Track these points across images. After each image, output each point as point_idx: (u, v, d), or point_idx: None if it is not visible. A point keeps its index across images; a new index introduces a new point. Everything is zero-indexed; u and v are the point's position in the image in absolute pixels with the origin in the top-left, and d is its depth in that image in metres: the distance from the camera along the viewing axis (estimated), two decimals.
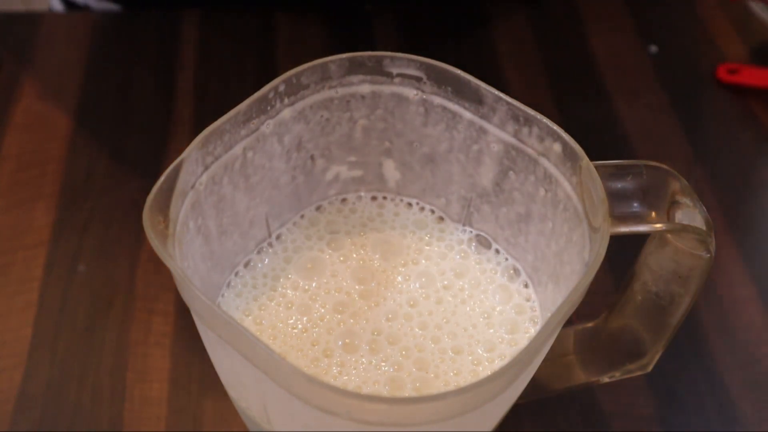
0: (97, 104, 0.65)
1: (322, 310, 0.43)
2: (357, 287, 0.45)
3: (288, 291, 0.44)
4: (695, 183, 0.61)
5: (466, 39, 0.72)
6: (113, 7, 0.74)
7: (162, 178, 0.36)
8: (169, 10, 0.71)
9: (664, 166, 0.38)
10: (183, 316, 0.52)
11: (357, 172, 0.47)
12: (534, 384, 0.40)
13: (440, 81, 0.42)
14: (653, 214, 0.37)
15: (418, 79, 0.43)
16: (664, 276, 0.40)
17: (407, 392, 0.40)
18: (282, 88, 0.41)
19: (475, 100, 0.41)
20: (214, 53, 0.69)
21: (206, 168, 0.39)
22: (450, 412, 0.33)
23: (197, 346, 0.40)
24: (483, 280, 0.45)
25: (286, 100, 0.42)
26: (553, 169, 0.40)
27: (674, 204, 0.37)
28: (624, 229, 0.36)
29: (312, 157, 0.46)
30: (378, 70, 0.43)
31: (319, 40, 0.70)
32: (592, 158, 0.38)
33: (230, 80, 0.67)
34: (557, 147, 0.39)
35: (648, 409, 0.50)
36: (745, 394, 0.50)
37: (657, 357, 0.43)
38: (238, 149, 0.41)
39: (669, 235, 0.38)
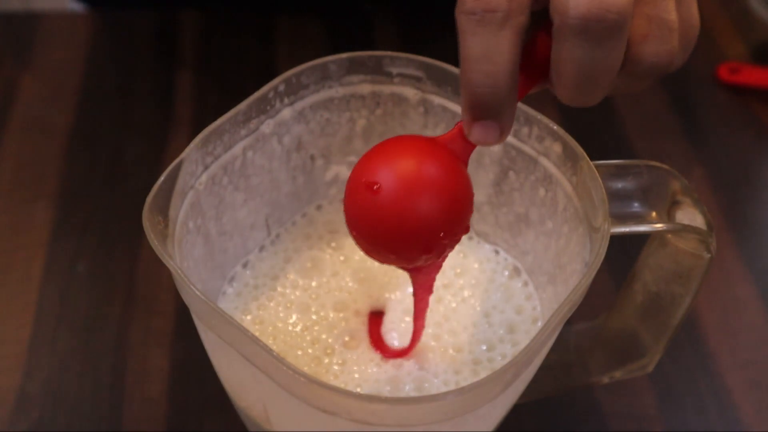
0: (96, 104, 0.65)
1: (323, 310, 0.43)
2: (357, 287, 0.45)
3: (288, 290, 0.44)
4: (695, 183, 0.61)
5: None
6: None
7: (162, 178, 0.36)
8: (169, 10, 0.71)
9: (665, 166, 0.37)
10: (183, 316, 0.52)
11: None
12: (534, 384, 0.40)
13: (440, 81, 0.42)
14: (653, 214, 0.37)
15: (418, 79, 0.43)
16: (664, 276, 0.40)
17: (407, 392, 0.40)
18: (282, 87, 0.41)
19: None
20: (214, 53, 0.69)
21: (206, 168, 0.39)
22: (450, 412, 0.33)
23: (197, 346, 0.40)
24: (483, 279, 0.45)
25: (286, 100, 0.42)
26: (553, 169, 0.40)
27: (675, 204, 0.37)
28: (624, 229, 0.36)
29: (312, 157, 0.45)
30: (378, 70, 0.43)
31: (319, 40, 0.70)
32: (592, 158, 0.38)
33: (230, 80, 0.67)
34: (557, 147, 0.39)
35: (648, 409, 0.50)
36: (745, 395, 0.50)
37: (657, 357, 0.43)
38: (237, 149, 0.41)
39: (669, 236, 0.38)
